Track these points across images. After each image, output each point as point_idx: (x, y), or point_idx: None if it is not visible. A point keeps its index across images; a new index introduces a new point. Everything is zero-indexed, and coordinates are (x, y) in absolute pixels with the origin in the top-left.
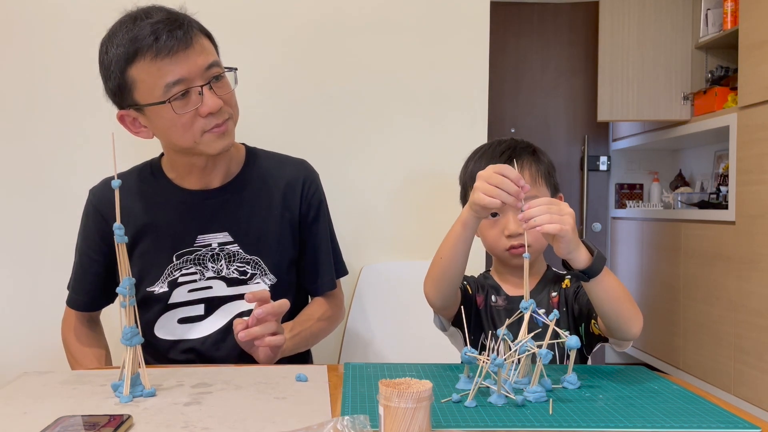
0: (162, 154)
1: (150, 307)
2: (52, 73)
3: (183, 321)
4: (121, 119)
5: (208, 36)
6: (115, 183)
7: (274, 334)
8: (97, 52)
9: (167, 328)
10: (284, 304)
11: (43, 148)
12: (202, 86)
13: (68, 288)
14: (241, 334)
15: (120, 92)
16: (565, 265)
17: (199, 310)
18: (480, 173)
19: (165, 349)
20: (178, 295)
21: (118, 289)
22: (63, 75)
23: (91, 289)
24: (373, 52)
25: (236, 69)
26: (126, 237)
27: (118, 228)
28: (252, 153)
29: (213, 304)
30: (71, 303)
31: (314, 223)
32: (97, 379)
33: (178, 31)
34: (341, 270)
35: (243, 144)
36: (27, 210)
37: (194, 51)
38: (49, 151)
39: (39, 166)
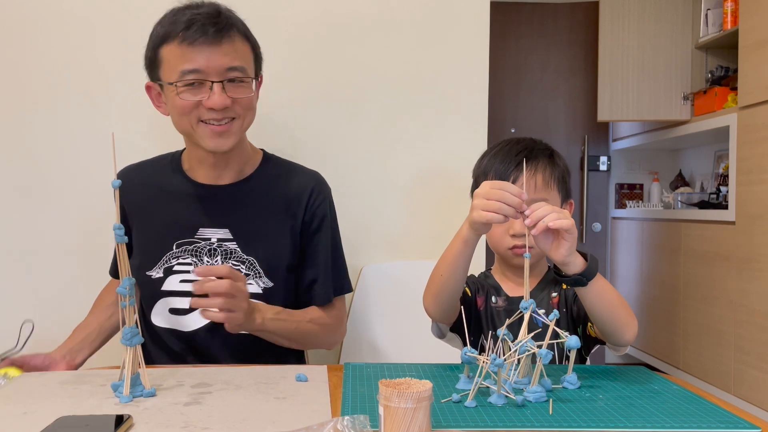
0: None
1: (146, 292)
2: (53, 72)
3: (173, 312)
4: (148, 90)
5: (251, 42)
6: (116, 183)
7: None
8: (96, 51)
9: (162, 315)
10: (235, 273)
11: (43, 148)
12: (213, 82)
13: (111, 266)
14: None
15: (151, 65)
16: (557, 273)
17: (186, 303)
18: (477, 191)
19: (159, 336)
20: (171, 283)
21: (118, 290)
22: (63, 75)
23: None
24: (373, 52)
25: (257, 79)
26: (126, 237)
27: (117, 228)
28: (267, 158)
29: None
30: (116, 274)
31: (316, 233)
32: (97, 379)
33: (211, 28)
34: (344, 287)
35: (262, 150)
36: (27, 209)
37: (219, 50)
38: (49, 150)
39: (39, 165)
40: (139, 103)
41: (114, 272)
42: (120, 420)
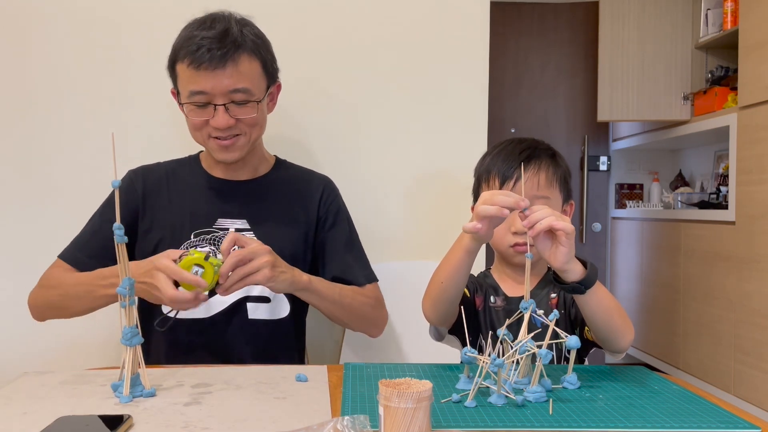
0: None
1: None
2: (53, 73)
3: None
4: (173, 94)
5: (262, 59)
6: (116, 182)
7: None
8: (94, 52)
9: None
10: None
11: (42, 149)
12: (216, 105)
13: (66, 251)
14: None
15: (171, 74)
16: (556, 279)
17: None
18: (476, 210)
19: (171, 327)
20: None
21: (117, 290)
22: (63, 75)
23: (98, 254)
24: (373, 52)
25: (259, 100)
26: (126, 237)
27: (117, 228)
28: (280, 162)
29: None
30: (77, 263)
31: (332, 228)
32: (97, 379)
33: (217, 52)
34: (370, 276)
35: (275, 156)
36: (26, 210)
37: (224, 73)
38: (49, 151)
39: (38, 166)
40: (143, 102)
41: (67, 257)
42: (120, 420)
